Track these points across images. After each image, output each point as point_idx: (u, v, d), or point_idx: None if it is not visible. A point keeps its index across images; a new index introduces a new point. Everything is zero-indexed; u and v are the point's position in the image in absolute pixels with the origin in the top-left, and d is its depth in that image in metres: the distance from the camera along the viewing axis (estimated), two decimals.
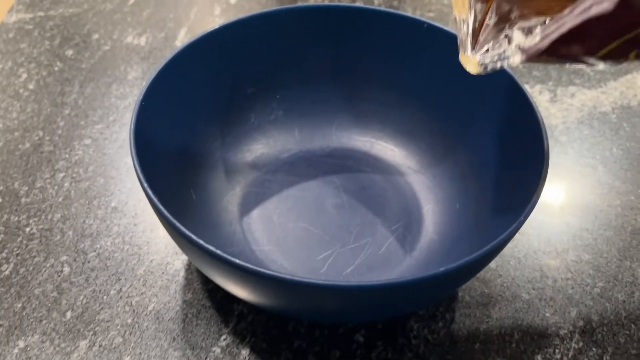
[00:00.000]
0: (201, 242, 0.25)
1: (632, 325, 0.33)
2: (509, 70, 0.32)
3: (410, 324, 0.32)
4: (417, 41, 0.38)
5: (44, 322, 0.32)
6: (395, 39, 0.39)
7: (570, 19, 0.19)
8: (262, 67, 0.40)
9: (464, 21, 0.27)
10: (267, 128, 0.41)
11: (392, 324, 0.32)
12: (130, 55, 0.50)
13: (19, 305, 0.33)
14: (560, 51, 0.20)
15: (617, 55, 0.19)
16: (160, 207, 0.26)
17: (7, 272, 0.34)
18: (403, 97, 0.40)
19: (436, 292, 0.29)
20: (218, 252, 0.24)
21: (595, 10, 0.17)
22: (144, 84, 0.32)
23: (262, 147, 0.40)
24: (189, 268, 0.35)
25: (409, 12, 0.56)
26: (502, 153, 0.34)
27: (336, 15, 0.40)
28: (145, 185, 0.27)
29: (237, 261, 0.24)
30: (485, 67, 0.24)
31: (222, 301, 0.33)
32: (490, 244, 0.26)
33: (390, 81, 0.40)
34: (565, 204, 0.39)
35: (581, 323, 0.33)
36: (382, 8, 0.39)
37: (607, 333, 0.32)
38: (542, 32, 0.20)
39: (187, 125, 0.36)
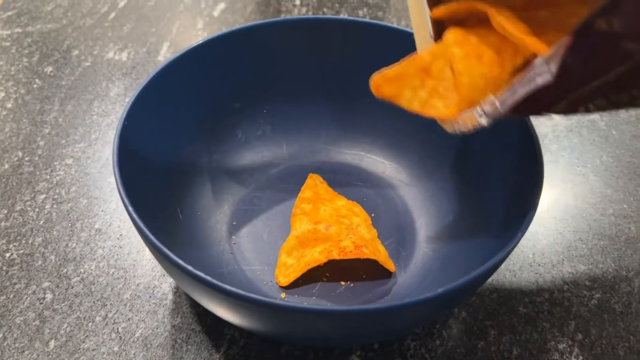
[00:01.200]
0: (190, 267, 0.24)
1: (631, 337, 0.32)
2: None
3: (407, 343, 0.31)
4: (404, 52, 0.37)
5: (26, 352, 0.31)
6: (383, 50, 0.38)
7: (520, 88, 0.21)
8: (248, 81, 0.39)
9: None
10: (254, 144, 0.40)
11: (389, 344, 0.31)
12: (111, 71, 0.49)
13: (0, 335, 0.31)
14: (517, 112, 0.22)
15: (567, 111, 0.22)
16: (147, 231, 0.25)
17: None
18: (392, 109, 0.40)
19: (433, 314, 0.28)
20: (208, 278, 0.23)
21: (540, 81, 0.20)
22: (127, 101, 0.31)
23: (249, 164, 0.39)
24: (177, 291, 0.34)
25: (394, 23, 0.56)
26: (496, 166, 0.33)
27: (321, 27, 0.39)
28: (130, 208, 0.26)
29: (228, 288, 0.23)
30: (460, 129, 0.26)
31: (212, 325, 0.32)
32: (487, 261, 0.25)
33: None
34: (558, 214, 0.39)
35: (580, 336, 0.32)
36: (368, 20, 0.38)
37: (607, 346, 0.32)
38: (499, 99, 0.22)
39: (172, 143, 0.35)
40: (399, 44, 0.37)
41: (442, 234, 0.35)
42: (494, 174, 0.33)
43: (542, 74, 0.20)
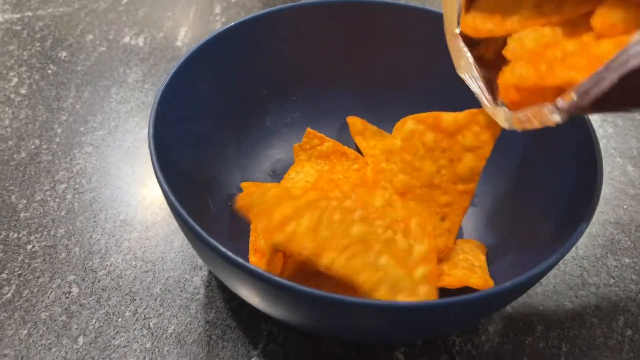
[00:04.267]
0: (246, 263, 0.22)
1: None
2: None
3: (452, 339, 0.30)
4: (436, 36, 0.36)
5: (54, 349, 0.29)
6: (416, 35, 0.37)
7: (608, 74, 0.17)
8: (275, 67, 0.37)
9: (472, 77, 0.26)
10: (283, 132, 0.38)
11: (433, 339, 0.30)
12: (128, 57, 0.47)
13: (25, 331, 0.30)
14: (604, 107, 0.19)
15: None
16: (194, 225, 0.24)
17: (9, 295, 0.31)
18: (425, 96, 0.38)
19: (483, 312, 0.27)
20: (261, 272, 0.22)
21: (634, 63, 0.17)
22: (159, 87, 0.29)
23: (278, 153, 0.38)
24: (210, 285, 0.32)
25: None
26: (543, 158, 0.32)
27: (350, 10, 0.37)
28: (172, 198, 0.24)
29: (287, 282, 0.21)
30: (524, 127, 0.22)
31: (248, 320, 0.31)
32: (536, 259, 0.24)
33: (411, 80, 0.38)
34: (599, 206, 0.37)
35: (629, 332, 0.31)
36: (401, 2, 0.37)
37: None
38: (578, 90, 0.19)
39: (202, 132, 0.34)
40: (431, 27, 0.36)
41: (486, 231, 0.34)
42: (541, 169, 0.32)
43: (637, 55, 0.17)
